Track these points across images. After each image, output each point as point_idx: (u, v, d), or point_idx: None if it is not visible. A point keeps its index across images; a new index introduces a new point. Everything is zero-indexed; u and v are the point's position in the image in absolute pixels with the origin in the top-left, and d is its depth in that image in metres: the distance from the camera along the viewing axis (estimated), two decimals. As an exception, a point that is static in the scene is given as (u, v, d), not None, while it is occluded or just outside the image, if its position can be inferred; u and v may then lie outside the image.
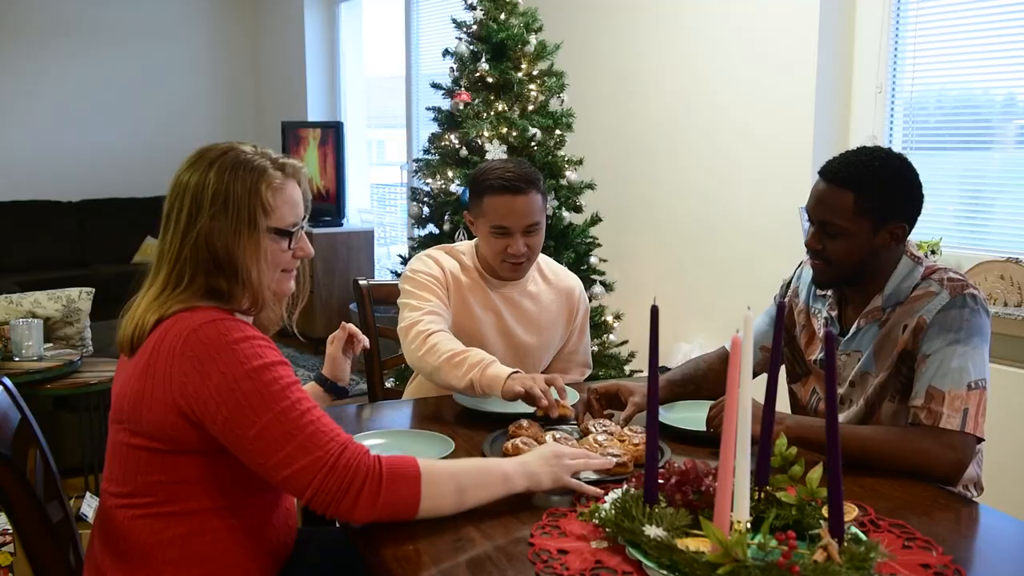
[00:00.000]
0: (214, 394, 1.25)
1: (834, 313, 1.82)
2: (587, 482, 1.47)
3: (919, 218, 1.72)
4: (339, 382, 1.84)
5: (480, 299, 2.17)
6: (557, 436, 1.64)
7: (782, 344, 1.88)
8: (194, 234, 1.33)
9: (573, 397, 1.97)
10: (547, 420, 1.77)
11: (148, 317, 1.33)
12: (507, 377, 1.82)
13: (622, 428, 1.69)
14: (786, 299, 1.96)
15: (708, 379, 2.00)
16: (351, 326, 1.87)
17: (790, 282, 1.98)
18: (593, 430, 1.68)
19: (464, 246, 2.24)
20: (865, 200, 1.65)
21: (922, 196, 1.70)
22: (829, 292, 1.84)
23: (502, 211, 2.05)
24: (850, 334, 1.77)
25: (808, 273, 1.89)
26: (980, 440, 1.59)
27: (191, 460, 1.31)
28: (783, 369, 1.98)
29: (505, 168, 2.09)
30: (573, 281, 2.32)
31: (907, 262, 1.72)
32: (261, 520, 1.39)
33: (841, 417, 1.78)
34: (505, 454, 1.58)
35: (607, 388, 1.87)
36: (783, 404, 1.68)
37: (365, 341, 1.87)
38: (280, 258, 1.40)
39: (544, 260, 2.30)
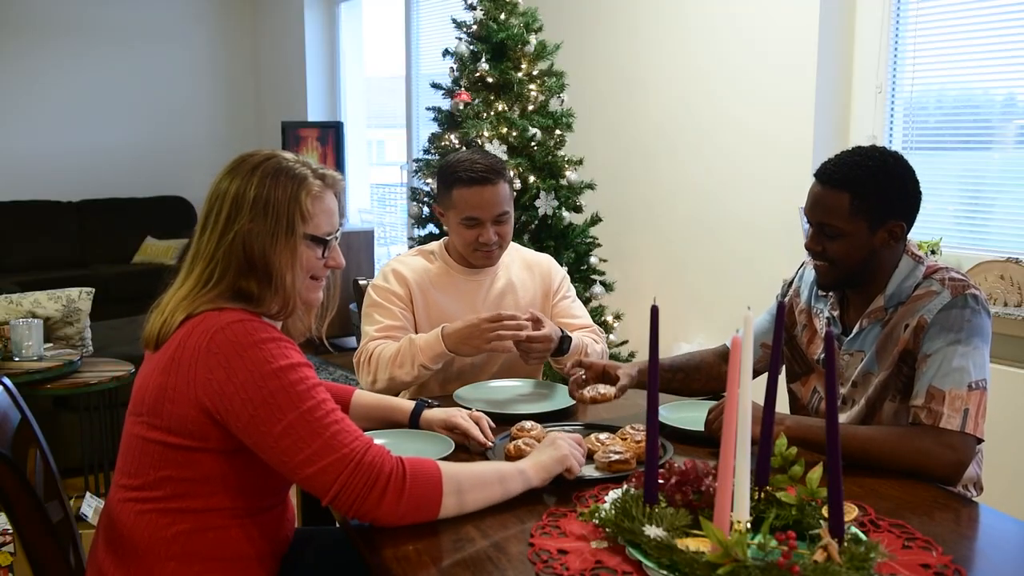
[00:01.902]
0: (240, 392, 1.26)
1: (835, 313, 1.82)
2: (589, 480, 1.48)
3: (918, 217, 1.72)
4: (422, 422, 1.76)
5: (453, 292, 2.20)
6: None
7: (782, 344, 1.88)
8: (231, 235, 1.35)
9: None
10: (544, 418, 1.77)
11: (177, 315, 1.34)
12: (441, 333, 2.00)
13: (617, 396, 1.75)
14: (787, 298, 1.96)
15: (700, 371, 2.00)
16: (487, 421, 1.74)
17: (792, 281, 1.98)
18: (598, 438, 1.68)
19: (434, 244, 2.28)
20: (861, 200, 1.65)
21: (919, 194, 1.70)
22: (831, 292, 1.84)
23: (472, 202, 2.09)
24: (853, 334, 1.77)
25: (811, 273, 1.89)
26: (980, 441, 1.59)
27: (208, 457, 1.32)
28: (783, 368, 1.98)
29: (472, 160, 2.11)
30: (544, 258, 2.35)
31: (908, 261, 1.72)
32: (268, 519, 1.40)
33: (843, 417, 1.79)
34: (508, 455, 1.58)
35: (593, 365, 1.87)
36: (783, 404, 1.68)
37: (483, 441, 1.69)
38: (313, 265, 1.42)
39: (514, 246, 2.33)
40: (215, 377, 1.27)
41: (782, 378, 1.78)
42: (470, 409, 1.81)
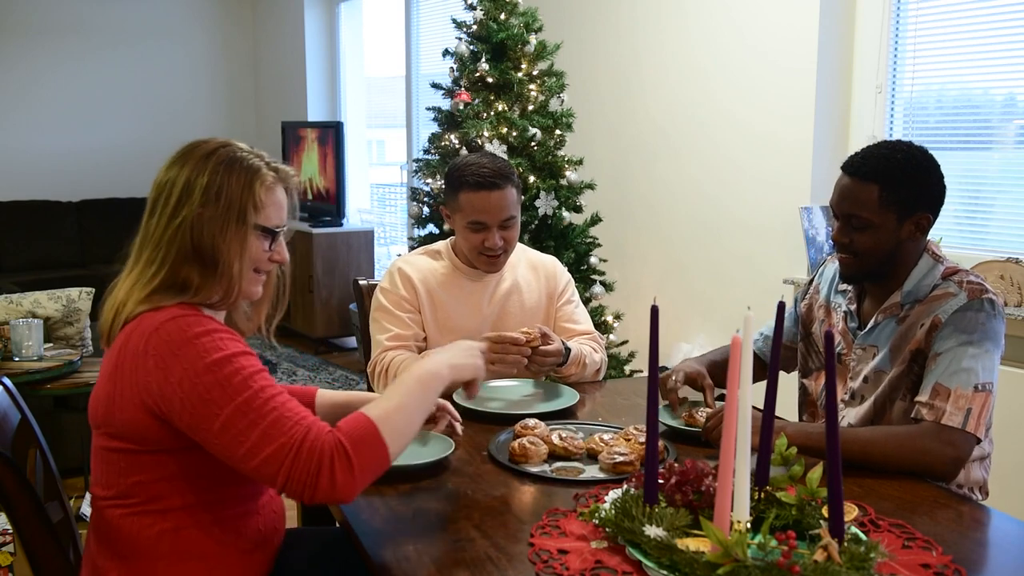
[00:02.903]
0: (177, 390, 1.25)
1: (853, 307, 1.83)
2: (593, 482, 1.48)
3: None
4: None
5: (458, 292, 2.20)
6: (564, 435, 1.64)
7: (781, 345, 1.89)
8: (179, 220, 1.34)
9: (573, 398, 1.97)
10: (545, 416, 1.78)
11: (124, 309, 1.34)
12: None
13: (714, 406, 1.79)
14: (807, 297, 1.98)
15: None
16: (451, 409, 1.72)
17: (811, 280, 1.99)
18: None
19: (440, 244, 2.28)
20: (890, 192, 1.67)
21: (944, 187, 1.74)
22: (849, 287, 1.85)
23: (479, 207, 2.08)
24: (867, 328, 1.78)
25: (830, 270, 1.91)
26: (979, 441, 1.60)
27: (165, 458, 1.32)
28: (796, 364, 2.00)
29: (480, 164, 2.11)
30: (549, 260, 2.34)
31: (928, 260, 1.73)
32: (242, 511, 1.39)
33: (851, 413, 1.79)
34: (512, 454, 1.59)
35: (687, 375, 1.90)
36: (786, 402, 1.68)
37: (458, 428, 1.71)
38: (259, 257, 1.41)
39: (520, 246, 2.32)
40: (153, 379, 1.26)
41: (783, 379, 1.77)
42: (474, 408, 1.82)
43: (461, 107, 3.47)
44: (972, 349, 1.61)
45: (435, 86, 3.69)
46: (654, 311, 1.18)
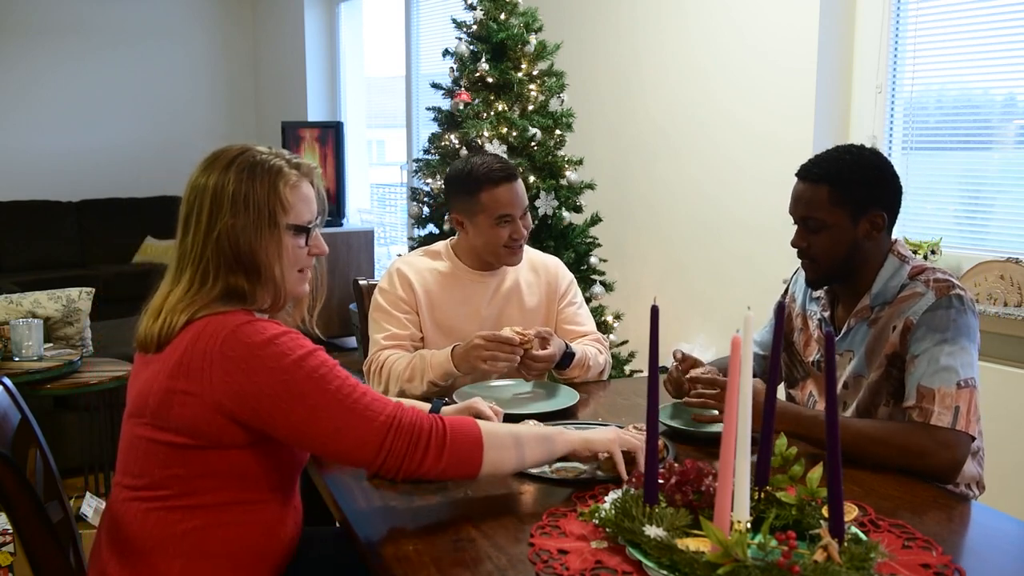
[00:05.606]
0: (265, 390, 1.27)
1: (827, 314, 1.83)
2: (592, 480, 1.49)
3: (918, 217, 1.73)
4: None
5: (458, 293, 2.20)
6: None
7: (782, 345, 1.89)
8: (215, 233, 1.36)
9: (572, 398, 1.97)
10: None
11: (177, 317, 1.34)
12: (451, 353, 2.01)
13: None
14: (786, 301, 1.97)
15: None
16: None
17: (787, 289, 1.99)
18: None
19: (439, 244, 2.29)
20: (841, 190, 1.69)
21: (899, 187, 1.73)
22: (822, 294, 1.85)
23: (505, 200, 2.10)
24: (841, 334, 1.78)
25: (804, 276, 1.91)
26: (972, 439, 1.60)
27: (219, 455, 1.32)
28: (782, 375, 1.99)
29: (489, 161, 2.14)
30: (552, 261, 2.35)
31: (894, 261, 1.73)
32: (277, 516, 1.41)
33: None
34: None
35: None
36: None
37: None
38: (298, 255, 1.43)
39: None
40: (233, 380, 1.28)
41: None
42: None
43: (461, 107, 3.47)
44: (948, 347, 1.61)
45: (435, 86, 3.69)
46: (654, 311, 1.18)
